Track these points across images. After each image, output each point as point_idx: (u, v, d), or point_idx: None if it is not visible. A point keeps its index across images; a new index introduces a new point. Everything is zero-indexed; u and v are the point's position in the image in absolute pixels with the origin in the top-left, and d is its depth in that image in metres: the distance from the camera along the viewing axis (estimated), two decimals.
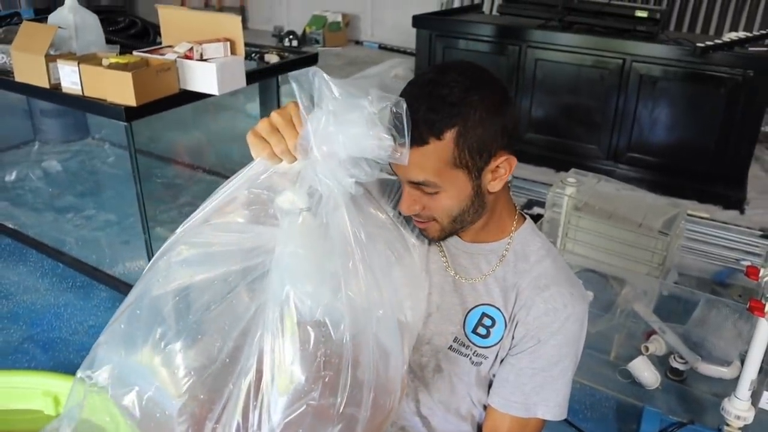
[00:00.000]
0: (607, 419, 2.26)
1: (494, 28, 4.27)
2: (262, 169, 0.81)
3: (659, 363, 2.38)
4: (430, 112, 0.89)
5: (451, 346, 1.06)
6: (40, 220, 3.38)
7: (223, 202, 0.79)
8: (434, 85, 0.91)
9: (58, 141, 4.14)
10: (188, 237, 0.79)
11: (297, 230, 0.76)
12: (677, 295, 2.68)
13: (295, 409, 0.70)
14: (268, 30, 7.94)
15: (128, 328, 0.76)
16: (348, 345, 0.73)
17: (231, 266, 0.76)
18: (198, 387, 0.72)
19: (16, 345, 2.51)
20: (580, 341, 1.04)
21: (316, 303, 0.72)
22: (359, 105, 0.75)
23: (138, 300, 0.77)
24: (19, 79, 2.55)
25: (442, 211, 0.97)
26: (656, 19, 3.80)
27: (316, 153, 0.77)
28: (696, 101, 3.69)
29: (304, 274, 0.73)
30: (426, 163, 0.90)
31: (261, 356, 0.71)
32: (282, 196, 0.78)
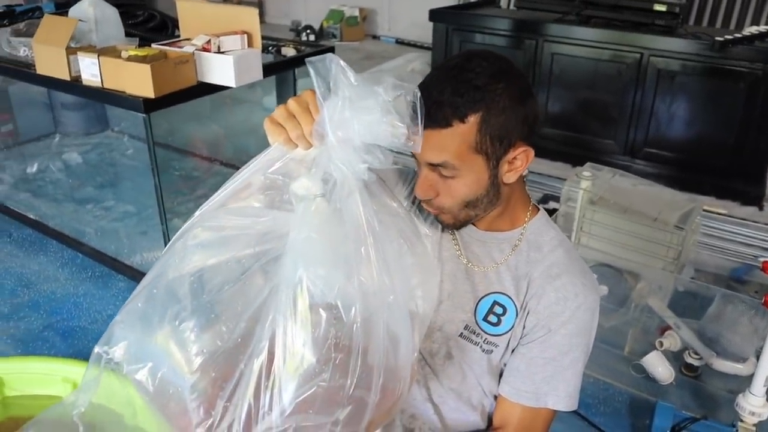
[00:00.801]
0: (620, 414, 2.26)
1: (511, 22, 4.25)
2: (279, 155, 0.82)
3: (674, 359, 2.37)
4: (455, 95, 0.90)
5: (462, 334, 1.07)
6: (61, 211, 3.43)
7: (239, 187, 0.81)
8: (460, 69, 0.92)
9: (78, 133, 4.20)
10: (204, 221, 0.80)
11: (311, 215, 0.77)
12: (693, 290, 2.67)
13: (305, 390, 0.71)
14: (286, 24, 7.97)
15: (144, 307, 0.78)
16: (359, 329, 0.74)
17: (245, 249, 0.77)
18: (210, 365, 0.74)
19: (36, 333, 2.56)
20: (591, 331, 1.04)
21: (329, 286, 0.73)
22: (374, 92, 0.76)
23: (155, 281, 0.79)
24: (40, 71, 2.59)
25: (456, 198, 0.98)
26: (675, 13, 3.76)
27: (332, 139, 0.78)
28: (715, 96, 3.66)
29: (317, 258, 0.74)
30: (447, 145, 0.91)
31: (273, 338, 0.73)
32: (297, 182, 0.80)
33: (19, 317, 2.65)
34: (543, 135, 4.17)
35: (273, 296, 0.74)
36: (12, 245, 3.20)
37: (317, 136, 0.81)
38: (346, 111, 0.77)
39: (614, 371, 2.38)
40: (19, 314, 2.67)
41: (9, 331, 2.56)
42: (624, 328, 2.45)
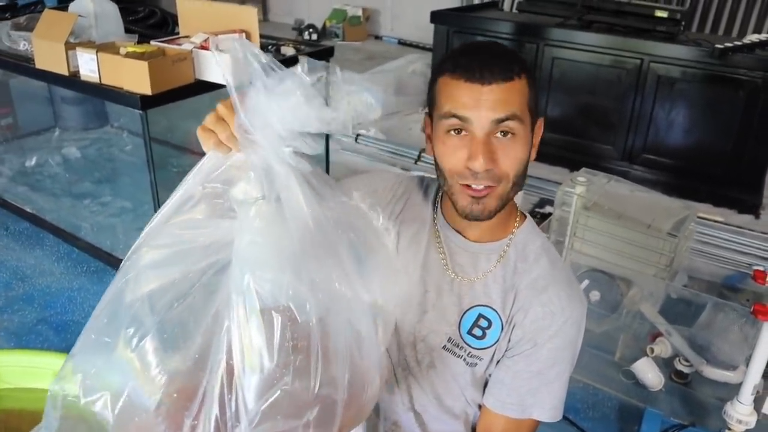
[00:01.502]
0: (609, 419, 2.26)
1: (512, 25, 4.25)
2: (217, 163, 0.80)
3: (664, 365, 2.37)
4: (507, 54, 0.94)
5: (445, 346, 1.05)
6: (58, 205, 3.44)
7: (180, 201, 0.78)
8: (491, 43, 0.97)
9: (77, 128, 4.21)
10: (150, 239, 0.78)
11: (252, 219, 0.76)
12: (685, 297, 2.67)
13: (269, 396, 0.70)
14: (289, 23, 7.98)
15: (98, 336, 0.76)
16: (315, 327, 0.73)
17: (193, 264, 0.75)
18: (172, 385, 0.72)
19: (30, 326, 2.57)
20: (577, 343, 1.03)
21: (278, 288, 0.72)
22: (292, 75, 0.73)
23: (106, 308, 0.77)
24: (39, 65, 2.60)
25: (513, 164, 0.94)
26: (676, 20, 3.77)
27: (252, 130, 0.75)
28: (714, 103, 3.66)
29: (263, 262, 0.73)
30: (511, 99, 0.91)
31: (230, 349, 0.72)
32: (235, 187, 0.77)
33: (13, 310, 2.66)
34: (542, 139, 4.16)
35: (225, 307, 0.73)
36: (8, 238, 3.22)
37: (240, 131, 0.78)
38: (263, 98, 0.73)
39: (604, 377, 2.39)
40: (13, 307, 2.68)
41: (3, 324, 2.57)
42: (615, 333, 2.45)
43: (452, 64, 0.93)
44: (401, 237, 1.09)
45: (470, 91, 0.91)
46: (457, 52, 0.96)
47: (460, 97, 0.92)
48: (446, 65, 0.95)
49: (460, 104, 0.92)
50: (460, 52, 0.96)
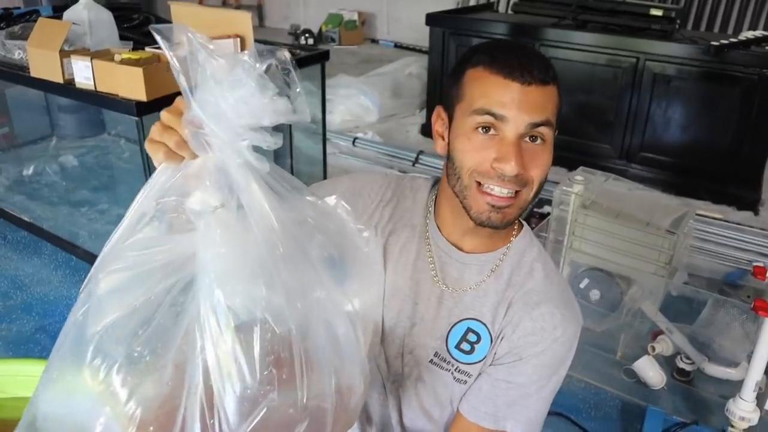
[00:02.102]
0: (611, 418, 2.25)
1: (508, 26, 4.26)
2: (169, 175, 0.73)
3: (666, 363, 2.36)
4: (541, 59, 0.90)
5: (432, 360, 1.02)
6: (56, 213, 3.43)
7: (133, 220, 0.72)
8: (520, 44, 0.94)
9: (74, 136, 4.20)
10: (105, 265, 0.72)
11: (214, 230, 0.70)
12: (685, 295, 2.67)
13: (255, 415, 0.66)
14: (285, 28, 7.99)
15: (61, 374, 0.71)
16: (296, 336, 0.69)
17: (153, 285, 0.69)
18: (146, 416, 0.67)
19: (28, 335, 2.56)
20: (565, 362, 0.99)
21: (251, 300, 0.68)
22: (244, 65, 0.67)
23: (66, 342, 0.71)
24: (34, 74, 2.60)
25: (539, 172, 0.91)
26: (671, 18, 3.77)
27: (205, 124, 0.69)
28: (710, 101, 3.66)
29: (231, 273, 0.68)
30: (546, 104, 0.89)
31: (206, 369, 0.67)
32: (191, 197, 0.71)
33: (11, 319, 2.65)
34: None
35: (195, 326, 0.68)
36: (6, 247, 3.21)
37: (192, 129, 0.71)
38: (213, 89, 0.67)
39: (606, 376, 2.38)
40: (11, 316, 2.67)
41: (1, 333, 2.56)
42: (616, 332, 2.45)
43: (489, 56, 0.89)
44: (390, 245, 1.04)
45: (509, 89, 0.87)
46: (491, 45, 0.92)
47: (498, 94, 0.87)
48: (481, 57, 0.90)
49: (497, 102, 0.87)
50: (494, 46, 0.92)
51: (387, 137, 4.63)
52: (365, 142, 4.39)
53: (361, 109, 4.90)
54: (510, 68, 0.87)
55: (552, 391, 0.99)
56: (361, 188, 1.08)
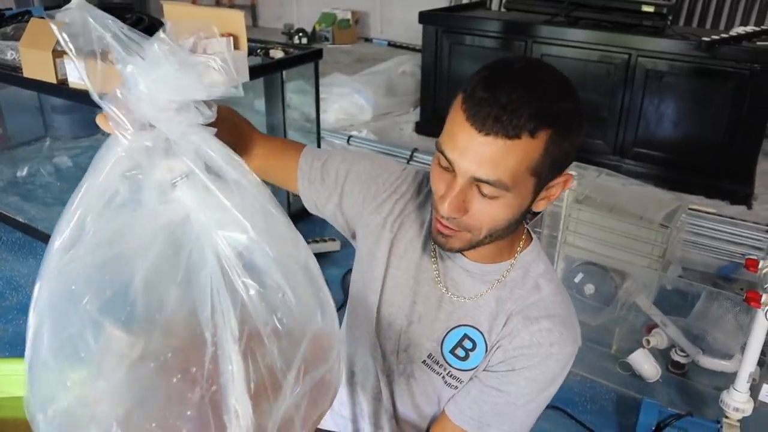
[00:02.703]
0: (607, 411, 2.27)
1: (500, 23, 4.27)
2: (120, 150, 0.68)
3: (661, 356, 2.38)
4: (528, 105, 0.75)
5: (425, 361, 1.01)
6: (50, 214, 3.43)
7: (97, 195, 0.67)
8: (529, 75, 0.79)
9: (68, 137, 4.20)
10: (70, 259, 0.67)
11: (195, 191, 0.67)
12: (679, 288, 2.69)
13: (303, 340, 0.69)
14: (279, 28, 7.98)
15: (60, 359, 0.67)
16: (291, 301, 0.69)
17: (149, 255, 0.66)
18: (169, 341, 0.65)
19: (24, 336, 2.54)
20: (557, 380, 0.97)
21: (249, 242, 0.67)
22: (159, 43, 0.64)
23: (52, 332, 0.67)
24: (27, 74, 2.60)
25: (488, 222, 0.84)
26: (663, 14, 3.79)
27: (134, 108, 0.66)
28: (702, 96, 3.68)
29: (227, 222, 0.67)
30: (506, 161, 0.77)
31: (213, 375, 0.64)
32: (156, 169, 0.67)
33: (7, 320, 2.65)
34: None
35: (201, 277, 0.66)
36: (1, 248, 3.20)
37: (123, 114, 0.66)
38: (133, 74, 0.64)
39: (601, 369, 2.40)
40: (7, 317, 2.67)
41: None
42: (611, 326, 2.46)
43: (471, 89, 0.78)
44: (397, 240, 1.03)
45: (465, 133, 0.78)
46: (486, 74, 0.79)
47: (454, 136, 0.79)
48: (468, 85, 0.79)
49: (450, 143, 0.80)
50: (491, 73, 0.80)
51: (381, 135, 4.64)
52: (360, 141, 4.40)
53: (355, 108, 4.91)
54: (476, 109, 0.77)
55: (540, 406, 0.98)
56: (378, 174, 1.05)
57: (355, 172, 1.05)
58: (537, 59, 0.84)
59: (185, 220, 0.68)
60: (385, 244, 1.03)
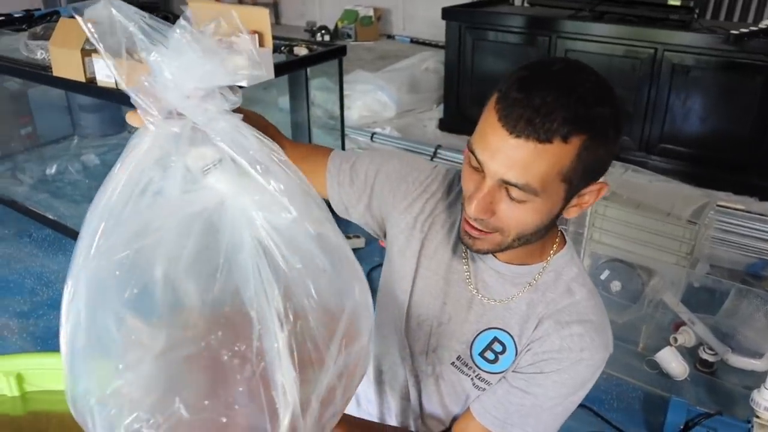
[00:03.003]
0: (634, 410, 2.25)
1: (524, 18, 4.24)
2: (152, 140, 0.69)
3: (689, 354, 2.35)
4: (562, 107, 0.74)
5: (454, 363, 1.01)
6: (79, 211, 3.48)
7: (132, 184, 0.68)
8: (567, 77, 0.77)
9: (96, 135, 4.26)
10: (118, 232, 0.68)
11: (228, 176, 0.68)
12: (707, 285, 2.65)
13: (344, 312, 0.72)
14: (301, 25, 8.01)
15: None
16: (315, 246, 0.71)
17: (187, 239, 0.67)
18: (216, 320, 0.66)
19: (55, 330, 2.58)
20: (586, 385, 0.95)
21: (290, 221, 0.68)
22: (182, 31, 0.64)
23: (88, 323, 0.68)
24: (56, 73, 2.64)
25: (516, 225, 0.83)
26: (690, 7, 3.73)
27: (160, 95, 0.67)
28: (730, 90, 3.62)
29: (265, 204, 0.68)
30: (536, 166, 0.76)
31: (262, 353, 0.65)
32: (189, 157, 0.68)
33: (38, 315, 2.70)
34: None
35: (240, 259, 0.66)
36: (32, 245, 3.27)
37: (153, 103, 0.67)
38: (159, 63, 0.65)
39: (628, 367, 2.37)
40: (38, 312, 2.72)
41: (28, 329, 2.62)
42: (637, 323, 2.44)
43: (506, 89, 0.77)
44: (428, 240, 1.01)
45: (496, 135, 0.76)
46: (522, 74, 0.78)
47: (486, 136, 0.78)
48: (503, 85, 0.78)
49: (481, 143, 0.79)
50: (522, 77, 0.77)
51: (405, 132, 4.64)
52: (383, 137, 4.40)
53: (378, 105, 4.91)
54: (509, 110, 0.75)
55: (566, 410, 0.96)
56: (408, 173, 1.04)
57: (385, 172, 1.04)
58: (577, 61, 0.81)
59: (220, 205, 0.68)
60: (415, 244, 1.02)
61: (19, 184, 3.79)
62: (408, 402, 1.10)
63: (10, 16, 3.72)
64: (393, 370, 1.10)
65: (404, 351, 1.05)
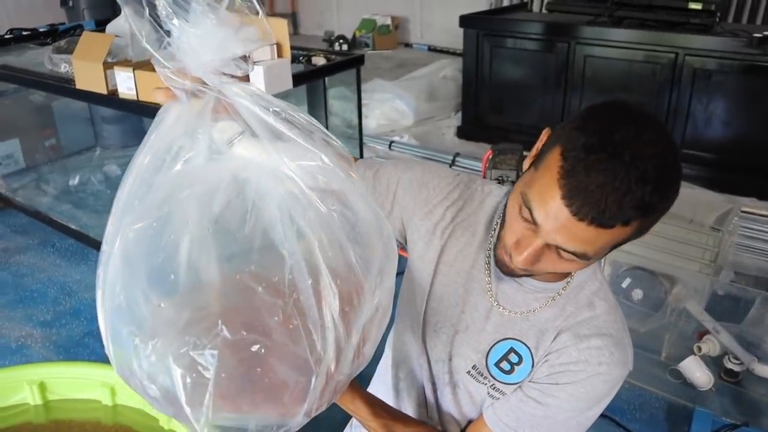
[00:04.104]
0: (657, 420, 2.21)
1: (542, 25, 4.22)
2: (177, 114, 0.73)
3: (713, 364, 2.31)
4: (627, 196, 0.72)
5: (469, 372, 1.00)
6: (101, 221, 3.49)
7: (160, 153, 0.72)
8: (636, 151, 0.73)
9: (117, 146, 4.32)
10: (143, 195, 0.72)
11: (254, 144, 0.72)
12: (732, 293, 2.60)
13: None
14: (319, 35, 8.06)
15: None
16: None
17: (215, 203, 0.70)
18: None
19: (77, 339, 2.64)
20: (602, 401, 0.93)
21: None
22: (199, 2, 0.68)
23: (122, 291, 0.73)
24: (79, 86, 2.68)
25: (558, 272, 0.87)
26: (711, 11, 3.69)
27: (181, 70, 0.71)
28: (754, 94, 3.57)
29: (297, 155, 0.71)
30: (596, 242, 0.77)
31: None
32: (215, 128, 0.73)
33: (61, 324, 2.74)
34: None
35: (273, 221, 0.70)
36: (55, 255, 3.31)
37: (168, 78, 0.71)
38: (178, 34, 0.68)
39: (650, 376, 2.34)
40: (61, 321, 2.76)
41: (51, 338, 2.65)
42: (660, 332, 2.40)
43: (574, 155, 0.74)
44: (447, 247, 1.01)
45: (559, 209, 0.75)
46: (590, 141, 0.74)
47: (547, 204, 0.76)
48: (570, 145, 0.75)
49: (542, 210, 0.77)
50: (590, 146, 0.73)
51: (423, 140, 4.64)
52: (402, 146, 4.40)
53: (396, 113, 4.91)
54: (574, 193, 0.73)
55: (581, 425, 0.94)
56: (429, 180, 1.05)
57: (407, 179, 1.05)
58: (644, 113, 0.77)
59: (246, 167, 0.72)
60: (434, 251, 1.02)
61: (43, 195, 3.85)
62: (425, 409, 1.10)
63: (36, 31, 3.79)
64: (410, 377, 1.10)
65: (422, 358, 1.05)
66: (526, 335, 0.96)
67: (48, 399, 1.80)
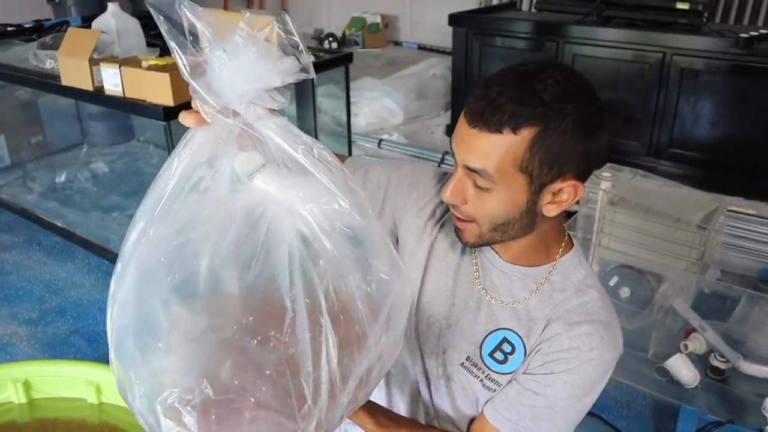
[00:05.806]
0: (644, 418, 2.22)
1: (531, 24, 4.23)
2: (202, 140, 0.75)
3: (699, 361, 2.32)
4: (514, 102, 0.81)
5: (463, 364, 1.01)
6: (88, 219, 3.50)
7: (182, 182, 0.74)
8: (530, 76, 0.83)
9: (104, 144, 4.27)
10: (167, 223, 0.73)
11: (274, 177, 0.73)
12: (718, 292, 2.62)
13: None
14: (309, 33, 8.04)
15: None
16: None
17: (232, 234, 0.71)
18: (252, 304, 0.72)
19: (63, 337, 2.61)
20: (597, 386, 0.96)
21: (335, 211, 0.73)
22: (241, 33, 0.69)
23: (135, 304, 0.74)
24: (65, 82, 2.66)
25: (485, 214, 0.89)
26: (699, 11, 3.71)
27: (208, 99, 0.71)
28: (740, 94, 3.59)
29: (313, 195, 0.72)
30: (490, 153, 0.83)
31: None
32: (237, 160, 0.74)
33: (46, 322, 2.71)
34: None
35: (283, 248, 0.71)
36: (41, 253, 3.28)
37: (200, 102, 0.72)
38: (216, 61, 0.70)
39: (637, 374, 2.35)
40: (46, 319, 2.73)
41: (37, 336, 2.62)
42: (647, 330, 2.41)
43: (480, 85, 0.86)
44: (437, 242, 1.04)
45: (462, 126, 0.86)
46: (488, 78, 0.86)
47: (457, 129, 0.88)
48: (475, 90, 0.87)
49: (454, 136, 0.88)
50: (492, 75, 0.86)
51: (412, 139, 4.64)
52: (391, 144, 4.40)
53: (386, 111, 4.91)
54: (471, 104, 0.84)
55: (579, 413, 0.97)
56: (420, 179, 1.08)
57: (397, 178, 1.08)
58: (560, 63, 0.87)
59: (263, 201, 0.73)
60: (424, 247, 1.04)
61: (29, 192, 3.81)
62: (417, 404, 1.10)
63: (21, 27, 3.75)
64: (403, 372, 1.11)
65: (415, 352, 1.06)
66: (516, 325, 0.98)
67: (33, 397, 1.79)
